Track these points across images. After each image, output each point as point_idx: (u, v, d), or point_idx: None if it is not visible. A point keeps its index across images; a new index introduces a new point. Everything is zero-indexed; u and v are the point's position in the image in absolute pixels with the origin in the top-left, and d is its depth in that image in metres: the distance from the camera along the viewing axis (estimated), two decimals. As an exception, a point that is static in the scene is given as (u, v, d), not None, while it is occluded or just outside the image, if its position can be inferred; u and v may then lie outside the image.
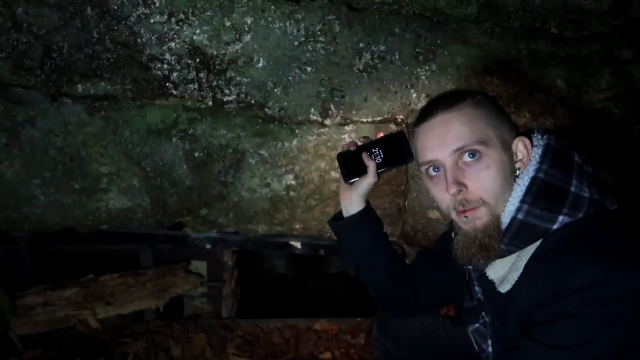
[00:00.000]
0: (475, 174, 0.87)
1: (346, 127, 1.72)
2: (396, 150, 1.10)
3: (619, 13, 1.75)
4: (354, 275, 3.32)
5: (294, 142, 1.72)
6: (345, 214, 1.17)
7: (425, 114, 0.92)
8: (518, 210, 0.86)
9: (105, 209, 1.74)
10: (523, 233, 0.86)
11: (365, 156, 1.10)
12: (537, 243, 0.87)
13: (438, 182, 0.91)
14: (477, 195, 0.88)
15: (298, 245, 2.04)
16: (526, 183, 0.87)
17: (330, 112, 1.68)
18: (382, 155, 1.11)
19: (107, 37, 1.52)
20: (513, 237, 0.87)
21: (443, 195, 0.90)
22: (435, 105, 0.91)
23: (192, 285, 2.06)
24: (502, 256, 0.90)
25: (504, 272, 0.91)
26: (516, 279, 0.88)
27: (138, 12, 1.50)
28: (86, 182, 1.69)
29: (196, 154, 1.71)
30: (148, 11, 1.50)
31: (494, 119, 0.89)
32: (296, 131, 1.71)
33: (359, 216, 1.16)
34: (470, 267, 0.98)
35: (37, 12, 1.47)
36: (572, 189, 0.85)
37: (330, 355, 1.95)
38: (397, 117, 1.73)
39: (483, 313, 1.02)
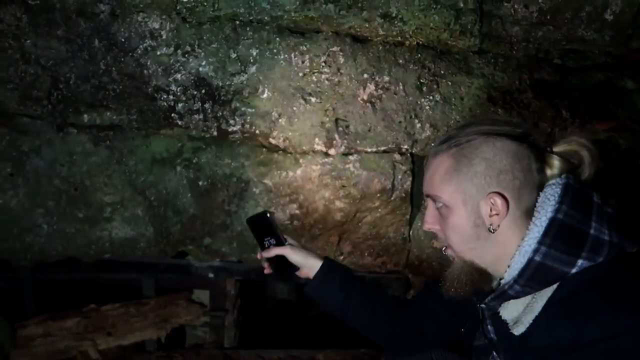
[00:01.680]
0: (441, 219, 0.94)
1: (350, 157, 1.72)
2: (264, 224, 1.22)
3: (621, 43, 1.77)
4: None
5: (298, 172, 1.72)
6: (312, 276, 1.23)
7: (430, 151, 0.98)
8: (535, 251, 0.83)
9: (109, 238, 1.73)
10: (539, 275, 0.83)
11: (266, 254, 1.21)
12: (554, 286, 0.84)
13: None
14: (443, 237, 0.95)
15: (302, 274, 2.02)
16: (544, 224, 0.84)
17: (334, 141, 1.68)
18: (270, 238, 1.22)
19: (113, 68, 1.53)
20: (529, 278, 0.84)
21: None
22: (434, 145, 0.97)
23: (194, 315, 2.03)
24: (517, 297, 0.88)
25: (518, 313, 0.89)
26: (531, 321, 0.86)
27: (145, 45, 1.51)
28: (90, 212, 1.69)
29: (200, 183, 1.71)
30: (155, 43, 1.52)
31: (464, 174, 0.88)
32: (300, 161, 1.71)
33: (320, 273, 1.21)
34: (483, 305, 0.97)
35: (46, 44, 1.49)
36: (592, 231, 0.83)
37: (334, 387, 1.91)
38: (402, 146, 1.73)
39: (494, 353, 1.00)
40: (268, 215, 1.20)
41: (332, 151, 1.70)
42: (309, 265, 1.21)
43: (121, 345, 1.95)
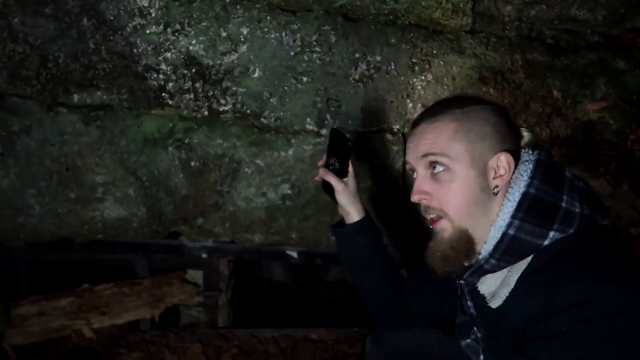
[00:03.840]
0: (439, 185, 0.91)
1: (342, 137, 1.72)
2: (341, 147, 1.17)
3: (614, 23, 1.76)
4: (351, 284, 3.31)
5: (290, 152, 1.72)
6: (347, 222, 1.23)
7: (415, 121, 0.97)
8: (509, 225, 0.86)
9: (101, 218, 1.73)
10: (514, 248, 0.86)
11: (323, 173, 1.19)
12: (529, 259, 0.87)
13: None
14: (437, 205, 0.91)
15: (295, 254, 2.03)
16: (517, 198, 0.87)
17: (326, 121, 1.68)
18: (337, 161, 1.19)
19: (103, 47, 1.52)
20: (504, 252, 0.87)
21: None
22: (422, 114, 0.96)
23: (188, 295, 2.04)
24: (493, 271, 0.91)
25: (495, 287, 0.92)
26: (507, 294, 0.88)
27: (134, 23, 1.50)
28: (82, 192, 1.69)
29: (192, 164, 1.71)
30: (144, 22, 1.50)
31: (473, 133, 0.89)
32: (292, 141, 1.71)
33: (356, 226, 1.21)
34: (462, 281, 0.98)
35: (34, 22, 1.47)
36: (563, 204, 0.85)
37: (326, 365, 1.94)
38: (393, 127, 1.73)
39: (474, 328, 1.02)
40: (349, 144, 1.15)
41: (323, 131, 1.70)
42: (348, 211, 1.21)
43: (115, 324, 1.97)
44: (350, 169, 1.21)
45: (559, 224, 0.84)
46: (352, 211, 1.21)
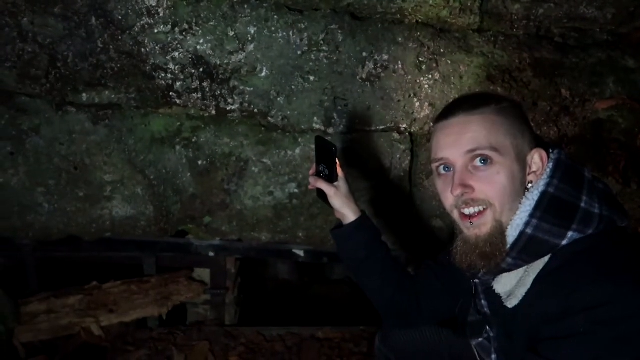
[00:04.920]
0: (484, 177, 0.87)
1: (349, 136, 1.72)
2: (327, 154, 1.20)
3: (623, 22, 1.74)
4: (357, 284, 3.31)
5: (297, 151, 1.72)
6: (344, 224, 1.25)
7: (447, 112, 0.93)
8: (527, 224, 0.85)
9: (109, 216, 1.75)
10: (531, 248, 0.85)
11: (313, 181, 1.23)
12: (546, 259, 0.86)
13: (446, 181, 0.92)
14: (483, 196, 0.87)
15: (301, 253, 2.04)
16: (536, 197, 0.86)
17: (333, 120, 1.68)
18: (325, 167, 1.22)
19: (111, 46, 1.53)
20: (521, 251, 0.86)
21: (448, 195, 0.91)
22: (459, 106, 0.92)
23: (195, 293, 2.05)
24: (509, 270, 0.90)
25: (511, 286, 0.91)
26: (524, 294, 0.87)
27: (142, 22, 1.50)
28: (90, 190, 1.70)
29: (200, 162, 1.72)
30: (152, 21, 1.51)
31: (514, 128, 0.89)
32: (299, 140, 1.71)
33: (352, 226, 1.23)
34: (476, 280, 0.98)
35: (43, 22, 1.48)
36: (582, 204, 0.85)
37: (333, 363, 1.95)
38: (400, 125, 1.73)
39: (487, 327, 1.01)
40: (334, 149, 1.18)
41: (330, 130, 1.70)
42: (343, 213, 1.23)
43: (123, 322, 1.98)
44: (340, 172, 1.23)
45: (577, 224, 0.83)
46: (347, 213, 1.22)
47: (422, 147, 1.78)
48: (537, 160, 0.89)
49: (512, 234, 0.87)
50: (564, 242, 0.83)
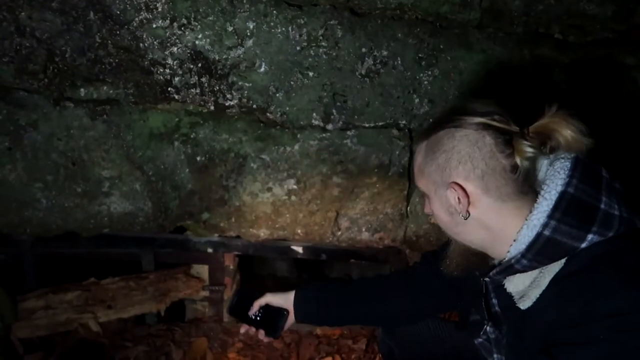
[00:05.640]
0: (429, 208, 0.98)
1: (348, 132, 1.72)
2: (243, 308, 1.32)
3: (623, 19, 1.74)
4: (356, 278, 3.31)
5: (296, 147, 1.72)
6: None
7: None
8: (545, 225, 0.82)
9: (107, 212, 1.74)
10: (549, 250, 0.82)
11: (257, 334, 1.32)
12: (562, 261, 0.83)
13: None
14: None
15: (300, 249, 2.04)
16: (554, 197, 0.82)
17: (332, 117, 1.68)
18: (253, 313, 1.31)
19: (109, 41, 1.52)
20: (537, 253, 0.83)
21: None
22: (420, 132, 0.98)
23: (193, 290, 2.05)
24: (524, 271, 0.87)
25: (524, 287, 0.89)
26: (537, 296, 0.85)
27: (140, 17, 1.50)
28: (88, 186, 1.69)
29: (198, 158, 1.71)
30: (150, 16, 1.50)
31: (432, 166, 0.91)
32: (298, 136, 1.71)
33: (296, 306, 1.31)
34: (487, 279, 0.96)
35: (41, 16, 1.47)
36: (602, 205, 0.82)
37: (331, 360, 1.95)
38: (400, 122, 1.72)
39: (487, 329, 1.01)
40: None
41: (329, 126, 1.69)
42: (289, 299, 1.31)
43: (121, 318, 1.98)
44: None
45: (598, 226, 0.80)
46: (290, 296, 1.32)
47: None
48: (460, 194, 0.87)
49: (527, 234, 0.84)
50: (583, 245, 0.80)
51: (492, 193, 0.86)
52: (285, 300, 1.31)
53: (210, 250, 2.01)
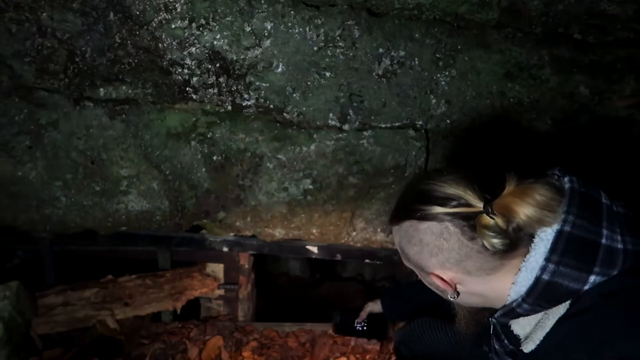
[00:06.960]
0: None
1: (364, 133, 1.71)
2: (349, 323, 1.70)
3: (645, 18, 1.71)
4: (369, 279, 3.31)
5: (312, 147, 1.72)
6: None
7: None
8: (543, 269, 0.77)
9: (125, 211, 1.76)
10: (549, 294, 0.78)
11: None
12: (567, 303, 0.80)
13: None
14: None
15: (315, 249, 2.04)
16: (550, 237, 0.77)
17: (348, 117, 1.68)
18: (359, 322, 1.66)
19: (129, 42, 1.53)
20: (538, 297, 0.79)
21: None
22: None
23: (208, 288, 2.07)
24: (527, 315, 0.85)
25: (530, 328, 0.86)
26: (541, 338, 0.82)
27: (159, 18, 1.51)
28: (106, 185, 1.71)
29: (215, 158, 1.72)
30: (169, 17, 1.51)
31: (411, 251, 0.88)
32: (314, 136, 1.71)
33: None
34: (493, 320, 0.93)
35: (62, 17, 1.49)
36: (603, 240, 0.77)
37: (345, 360, 1.95)
38: (416, 122, 1.72)
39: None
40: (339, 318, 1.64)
41: (346, 126, 1.69)
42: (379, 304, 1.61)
43: (138, 315, 2.00)
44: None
45: (599, 266, 0.75)
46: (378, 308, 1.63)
47: (437, 144, 1.77)
48: (439, 282, 0.86)
49: (526, 276, 0.79)
50: (586, 287, 0.76)
51: (474, 273, 0.83)
52: (378, 306, 1.59)
53: (225, 249, 2.02)
